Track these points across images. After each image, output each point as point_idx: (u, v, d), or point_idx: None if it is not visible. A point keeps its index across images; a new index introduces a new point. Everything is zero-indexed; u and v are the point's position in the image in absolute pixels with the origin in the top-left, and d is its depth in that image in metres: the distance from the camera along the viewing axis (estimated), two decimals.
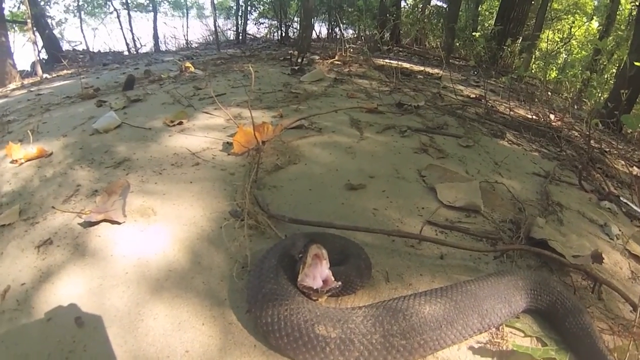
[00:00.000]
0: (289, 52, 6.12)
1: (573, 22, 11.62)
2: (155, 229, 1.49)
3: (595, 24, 11.37)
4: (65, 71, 6.94)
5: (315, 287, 1.04)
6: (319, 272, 1.06)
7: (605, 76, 8.36)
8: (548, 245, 1.47)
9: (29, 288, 1.27)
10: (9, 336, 1.11)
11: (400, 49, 8.31)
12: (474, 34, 7.41)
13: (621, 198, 2.17)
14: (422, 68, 5.46)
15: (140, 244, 1.41)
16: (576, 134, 3.32)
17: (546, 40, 9.61)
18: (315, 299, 1.08)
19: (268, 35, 12.01)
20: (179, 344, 1.04)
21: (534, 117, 3.54)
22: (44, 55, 8.81)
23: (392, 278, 1.28)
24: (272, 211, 1.55)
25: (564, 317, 1.13)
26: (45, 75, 6.53)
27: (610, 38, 8.72)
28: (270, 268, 1.11)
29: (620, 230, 1.82)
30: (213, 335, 1.06)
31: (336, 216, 1.58)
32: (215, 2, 11.43)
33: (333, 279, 1.06)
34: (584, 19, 11.68)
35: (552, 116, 3.66)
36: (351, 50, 5.89)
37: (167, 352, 1.02)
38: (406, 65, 5.66)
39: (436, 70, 5.40)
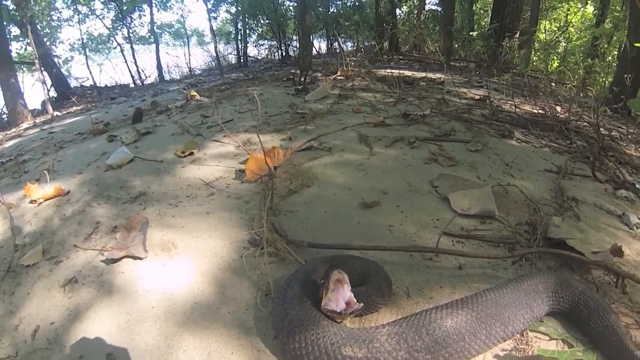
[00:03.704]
0: (291, 71, 6.17)
1: (568, 10, 11.55)
2: (177, 263, 1.52)
3: (590, 9, 11.28)
4: (74, 107, 7.06)
5: (338, 310, 1.06)
6: (341, 296, 1.08)
7: (608, 59, 8.26)
8: (566, 244, 1.46)
9: (58, 327, 1.29)
10: None
11: (400, 57, 8.33)
12: (471, 34, 7.43)
13: (637, 185, 2.15)
14: (423, 74, 5.47)
15: (164, 278, 1.44)
16: (585, 123, 3.29)
17: (543, 31, 9.56)
18: (340, 321, 1.11)
19: (269, 56, 12.17)
20: None
21: (540, 111, 3.51)
22: (53, 93, 9.01)
23: (413, 293, 1.29)
24: (290, 237, 1.57)
25: (588, 317, 1.12)
26: (56, 113, 6.65)
27: (607, 21, 8.64)
28: (294, 294, 1.13)
29: (639, 219, 1.80)
30: None
31: (353, 236, 1.59)
32: (214, 28, 11.63)
33: (355, 301, 1.08)
34: (579, 5, 11.59)
35: (558, 108, 3.62)
36: (352, 63, 5.93)
37: None
38: (408, 73, 5.67)
39: (438, 75, 5.40)
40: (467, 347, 1.03)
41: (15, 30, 9.54)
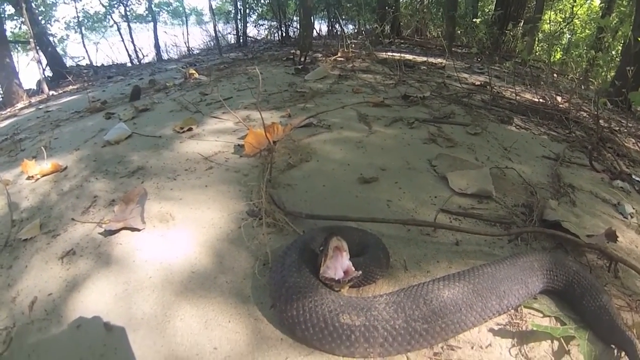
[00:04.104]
0: (291, 51, 6.13)
1: (574, 1, 11.43)
2: (175, 233, 1.52)
3: (597, 1, 11.18)
4: (70, 87, 6.95)
5: (337, 278, 1.07)
6: (339, 264, 1.09)
7: (612, 53, 8.23)
8: (561, 226, 1.48)
9: (56, 298, 1.29)
10: (40, 345, 1.15)
11: (402, 41, 8.26)
12: (474, 20, 7.36)
13: (633, 176, 2.16)
14: (425, 59, 5.44)
15: (162, 249, 1.44)
16: (585, 114, 3.30)
17: (548, 21, 9.49)
18: (338, 289, 1.11)
19: (269, 37, 12.01)
20: (207, 342, 1.07)
21: (540, 100, 3.52)
22: (48, 72, 8.86)
23: (410, 266, 1.31)
24: (288, 208, 1.58)
25: (581, 296, 1.14)
26: (51, 92, 6.55)
27: (614, 15, 8.57)
28: (292, 262, 1.14)
29: (634, 209, 1.82)
30: (240, 332, 1.09)
31: (351, 209, 1.60)
32: (214, 7, 11.47)
33: (353, 269, 1.09)
34: None
35: (559, 98, 3.63)
36: (353, 45, 5.88)
37: (195, 350, 1.05)
38: (409, 56, 5.63)
39: (439, 60, 5.38)
40: (463, 319, 1.05)
41: (9, 9, 9.37)
